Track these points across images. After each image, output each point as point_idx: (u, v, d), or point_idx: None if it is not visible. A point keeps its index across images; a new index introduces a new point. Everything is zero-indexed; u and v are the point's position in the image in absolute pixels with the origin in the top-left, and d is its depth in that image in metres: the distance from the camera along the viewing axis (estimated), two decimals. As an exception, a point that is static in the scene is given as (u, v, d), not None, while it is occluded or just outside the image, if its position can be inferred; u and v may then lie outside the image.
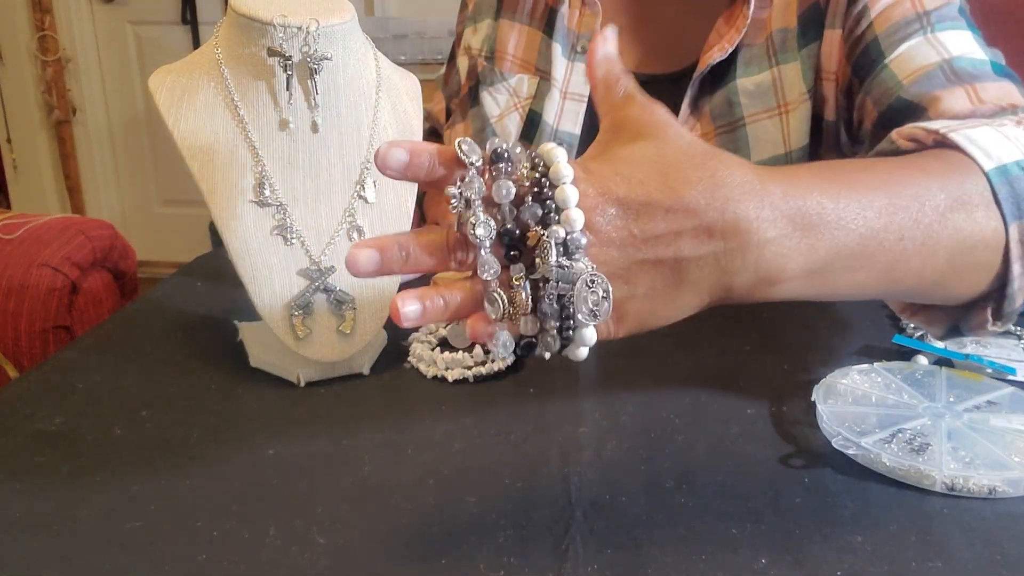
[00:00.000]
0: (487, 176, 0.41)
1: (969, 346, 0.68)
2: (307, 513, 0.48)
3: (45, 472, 0.52)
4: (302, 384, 0.63)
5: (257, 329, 0.68)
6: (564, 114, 0.89)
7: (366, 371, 0.65)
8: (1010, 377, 0.61)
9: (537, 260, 0.40)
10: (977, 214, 0.48)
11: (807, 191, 0.44)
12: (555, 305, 0.40)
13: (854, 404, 0.57)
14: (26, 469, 0.52)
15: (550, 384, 0.63)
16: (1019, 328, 0.72)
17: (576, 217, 0.40)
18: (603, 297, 0.40)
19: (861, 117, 0.76)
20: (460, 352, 0.63)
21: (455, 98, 1.02)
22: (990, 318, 0.52)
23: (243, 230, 0.61)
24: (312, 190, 0.63)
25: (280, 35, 0.59)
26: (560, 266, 0.40)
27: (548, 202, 0.40)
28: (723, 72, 0.82)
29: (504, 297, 0.40)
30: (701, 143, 0.44)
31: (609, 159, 0.43)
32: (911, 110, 0.68)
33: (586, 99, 0.89)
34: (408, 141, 0.42)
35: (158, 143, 3.22)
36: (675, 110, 0.85)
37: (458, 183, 0.40)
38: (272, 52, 0.59)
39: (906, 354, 0.66)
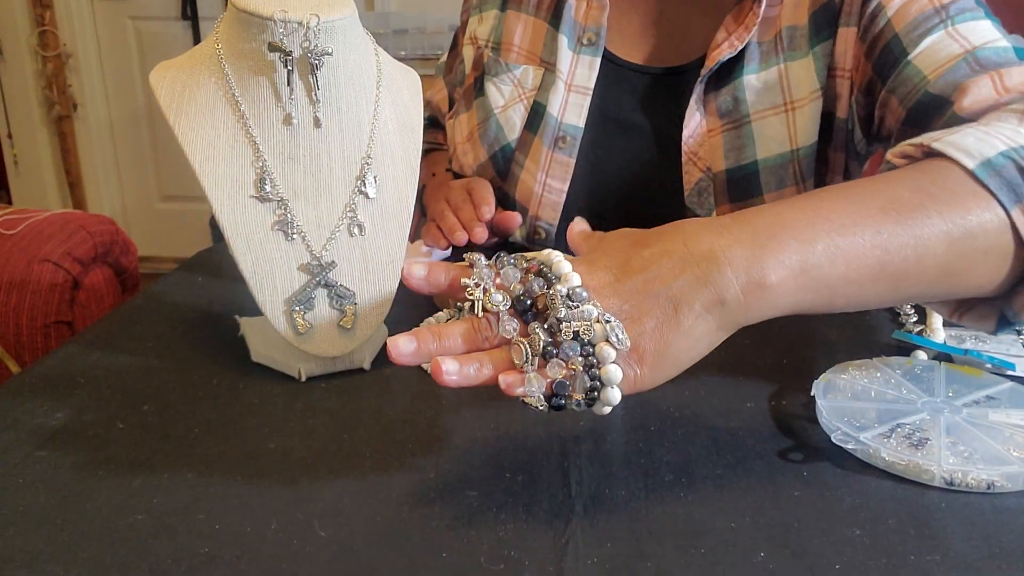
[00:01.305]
0: (494, 267, 0.49)
1: (968, 341, 0.68)
2: (308, 507, 0.48)
3: (47, 466, 0.52)
4: (303, 379, 0.63)
5: (258, 324, 0.68)
6: (568, 106, 0.89)
7: (367, 366, 0.65)
8: (1009, 372, 0.62)
9: (548, 311, 0.46)
10: (965, 205, 0.50)
11: (765, 215, 0.49)
12: (575, 344, 0.46)
13: (853, 399, 0.57)
14: (28, 463, 0.52)
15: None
16: (1018, 324, 0.72)
17: (574, 277, 0.47)
18: (618, 332, 0.46)
19: (884, 115, 0.76)
20: None
21: (459, 87, 1.01)
22: (1017, 308, 0.54)
23: (244, 225, 0.61)
24: (313, 185, 0.63)
25: (281, 30, 0.59)
26: (569, 308, 0.46)
27: (549, 275, 0.47)
28: (730, 68, 0.83)
29: (525, 343, 0.46)
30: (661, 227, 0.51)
31: (593, 248, 0.53)
32: (938, 104, 0.68)
33: (590, 92, 0.89)
34: (428, 262, 0.51)
35: (159, 138, 3.22)
36: (681, 104, 0.85)
37: (472, 276, 0.48)
38: (273, 47, 0.60)
39: (905, 349, 0.66)
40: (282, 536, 0.45)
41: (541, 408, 0.46)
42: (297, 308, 0.62)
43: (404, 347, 0.47)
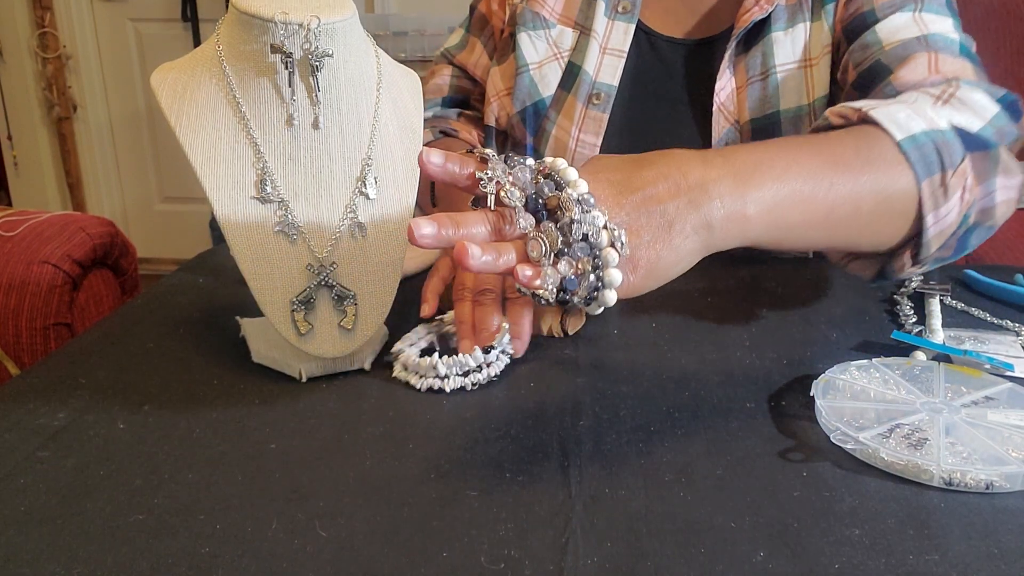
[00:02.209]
0: (507, 166, 0.52)
1: (967, 342, 0.68)
2: (309, 507, 0.48)
3: (48, 467, 0.52)
4: (304, 379, 0.63)
5: (259, 325, 0.68)
6: (603, 67, 0.92)
7: (367, 366, 0.65)
8: (1008, 373, 0.62)
9: (560, 210, 0.50)
10: (891, 171, 0.59)
11: (743, 155, 0.56)
12: (586, 246, 0.49)
13: (852, 399, 0.57)
14: (30, 464, 0.52)
15: (550, 378, 0.63)
16: (1018, 325, 0.72)
17: (582, 183, 0.51)
18: (621, 238, 0.50)
19: (844, 77, 0.82)
20: (460, 356, 0.62)
21: (492, 41, 1.02)
22: (909, 261, 0.64)
23: (245, 226, 0.61)
24: (313, 186, 0.63)
25: (281, 32, 0.59)
26: (582, 211, 0.49)
27: (558, 179, 0.51)
28: (759, 29, 0.87)
29: (543, 237, 0.49)
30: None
31: (593, 161, 0.56)
32: (883, 71, 0.75)
33: (625, 55, 0.92)
34: (439, 151, 0.52)
35: (159, 140, 3.22)
36: (711, 70, 0.89)
37: (486, 170, 0.51)
38: (274, 49, 0.60)
39: (904, 350, 0.66)
40: (283, 536, 0.45)
41: (548, 301, 0.49)
42: (298, 309, 0.62)
43: (424, 229, 0.49)
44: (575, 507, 0.48)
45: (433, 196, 0.94)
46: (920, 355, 0.64)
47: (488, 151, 0.52)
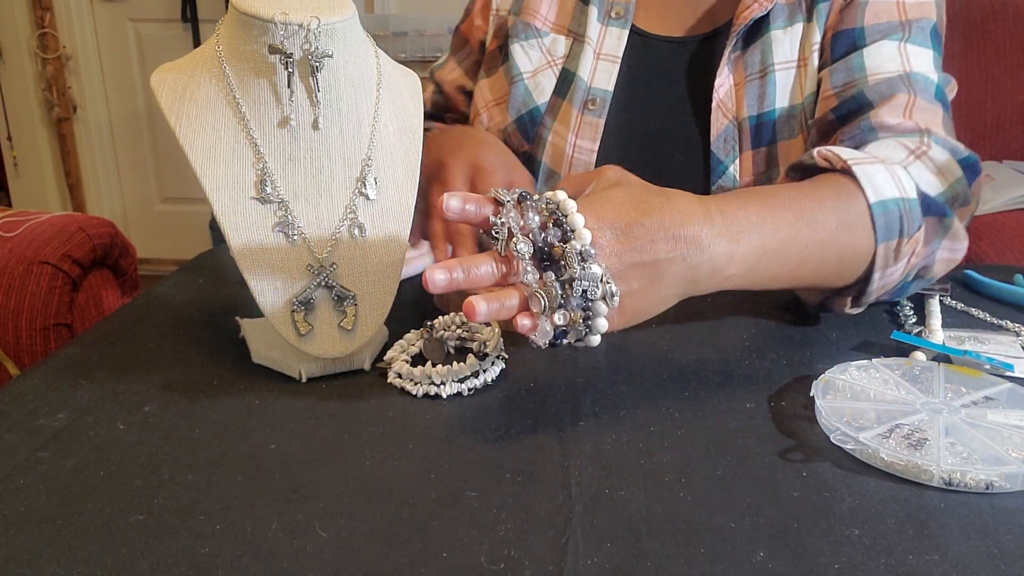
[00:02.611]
0: (519, 211, 0.55)
1: (967, 342, 0.68)
2: (309, 507, 0.48)
3: (48, 467, 0.52)
4: (304, 380, 0.63)
5: (259, 325, 0.68)
6: (598, 72, 0.92)
7: (367, 366, 0.65)
8: (1008, 373, 0.62)
9: (563, 265, 0.54)
10: (858, 234, 0.65)
11: (737, 208, 0.61)
12: (581, 300, 0.54)
13: (852, 399, 0.57)
14: (29, 465, 0.52)
15: (550, 379, 0.63)
16: (1018, 325, 0.72)
17: (586, 234, 0.54)
18: (613, 292, 0.54)
19: (823, 92, 0.83)
20: (455, 364, 0.62)
21: (470, 58, 1.03)
22: (849, 303, 0.70)
23: (245, 227, 0.61)
24: (313, 187, 0.63)
25: (281, 32, 0.60)
26: (583, 268, 0.53)
27: (564, 226, 0.54)
28: (757, 27, 0.87)
29: (543, 295, 0.53)
30: (651, 185, 0.61)
31: (598, 198, 0.58)
32: (865, 106, 0.78)
33: (619, 60, 0.92)
34: (463, 193, 0.56)
35: (159, 140, 3.23)
36: (708, 66, 0.89)
37: (499, 215, 0.54)
38: (274, 50, 0.60)
39: (904, 350, 0.66)
40: (283, 536, 0.45)
41: (541, 345, 0.54)
42: (298, 309, 0.62)
43: (438, 276, 0.53)
44: (575, 507, 0.48)
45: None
46: (920, 355, 0.64)
47: (503, 192, 0.55)
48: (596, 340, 0.55)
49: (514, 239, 0.54)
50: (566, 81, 0.93)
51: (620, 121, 0.92)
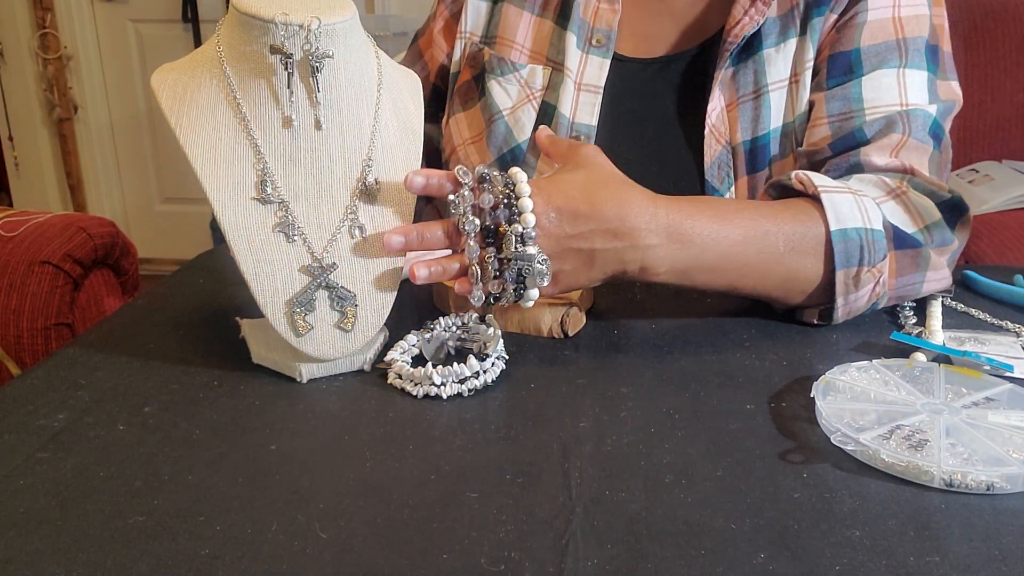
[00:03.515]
0: (476, 191, 0.62)
1: (967, 343, 0.68)
2: (309, 508, 0.48)
3: (48, 468, 0.52)
4: (304, 380, 0.63)
5: (259, 326, 0.68)
6: (580, 106, 0.89)
7: (367, 367, 0.65)
8: (1007, 374, 0.62)
9: (504, 246, 0.62)
10: (808, 259, 0.68)
11: (686, 216, 0.66)
12: (514, 275, 0.62)
13: (853, 400, 0.57)
14: (29, 465, 0.52)
15: (550, 379, 0.63)
16: (1018, 325, 0.72)
17: (529, 220, 0.62)
18: (543, 272, 0.62)
19: (809, 112, 0.82)
20: (455, 364, 0.61)
21: (421, 75, 0.99)
22: (816, 316, 0.72)
23: (245, 227, 0.61)
24: (314, 187, 0.63)
25: (282, 33, 0.59)
26: (517, 250, 0.62)
27: (513, 208, 0.62)
28: (749, 44, 0.84)
29: (479, 271, 0.62)
30: (617, 172, 0.67)
31: (556, 180, 0.65)
32: (860, 141, 0.78)
33: (601, 90, 0.89)
34: (423, 170, 0.64)
35: (159, 140, 3.22)
36: (695, 84, 0.86)
37: (456, 195, 0.62)
38: (275, 50, 0.60)
39: (904, 351, 0.66)
40: (283, 537, 0.45)
41: (474, 304, 0.63)
42: (298, 310, 0.62)
43: (395, 241, 0.63)
44: (575, 509, 0.48)
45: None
46: (920, 356, 0.64)
47: (463, 174, 0.62)
48: (529, 304, 0.64)
49: (463, 217, 0.62)
50: (547, 115, 0.90)
51: (609, 154, 0.88)
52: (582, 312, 0.73)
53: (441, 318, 0.69)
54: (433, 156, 1.01)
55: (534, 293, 0.63)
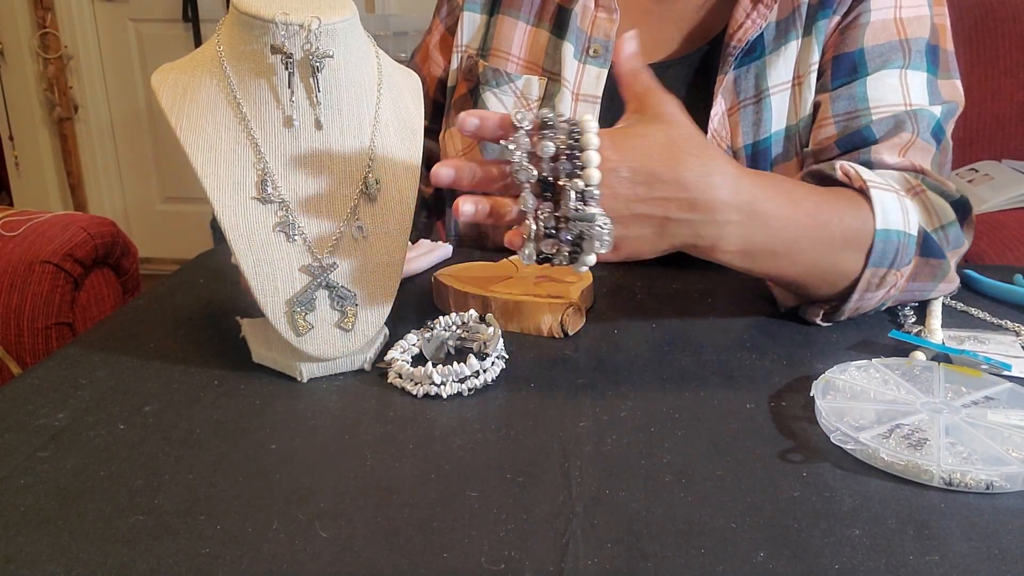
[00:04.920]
0: (535, 137, 0.55)
1: (967, 342, 0.68)
2: (310, 507, 0.48)
3: (49, 467, 0.52)
4: (304, 380, 0.63)
5: (259, 326, 0.68)
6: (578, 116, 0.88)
7: (368, 367, 0.65)
8: (1005, 373, 0.62)
9: (562, 202, 0.55)
10: (853, 255, 0.66)
11: (767, 196, 0.61)
12: (570, 236, 0.55)
13: (852, 399, 0.57)
14: (30, 464, 0.52)
15: (550, 379, 0.63)
16: (1018, 325, 0.72)
17: (593, 176, 0.54)
18: (607, 236, 0.56)
19: (821, 119, 0.81)
20: (455, 364, 0.61)
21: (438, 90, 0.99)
22: (820, 315, 0.70)
23: (245, 227, 0.61)
24: (314, 187, 0.63)
25: (282, 33, 0.60)
26: (576, 209, 0.55)
27: (576, 161, 0.55)
28: (750, 48, 0.83)
29: (533, 226, 0.56)
30: (700, 134, 0.60)
31: (632, 133, 0.58)
32: (868, 139, 0.78)
33: (599, 100, 0.87)
34: (479, 110, 0.59)
35: (160, 140, 3.23)
36: (695, 88, 0.86)
37: (510, 139, 0.55)
38: (275, 50, 0.60)
39: (904, 350, 0.66)
40: (283, 537, 0.45)
41: (524, 263, 0.57)
42: (298, 309, 0.62)
43: (443, 175, 0.57)
44: (575, 508, 0.48)
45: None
46: (920, 355, 0.64)
47: (521, 117, 0.55)
48: (585, 268, 0.58)
49: (515, 167, 0.55)
50: None
51: None
52: (582, 312, 0.73)
53: (441, 317, 0.69)
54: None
55: (591, 259, 0.57)
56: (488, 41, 0.94)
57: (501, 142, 0.55)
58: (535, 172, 0.55)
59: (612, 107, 0.88)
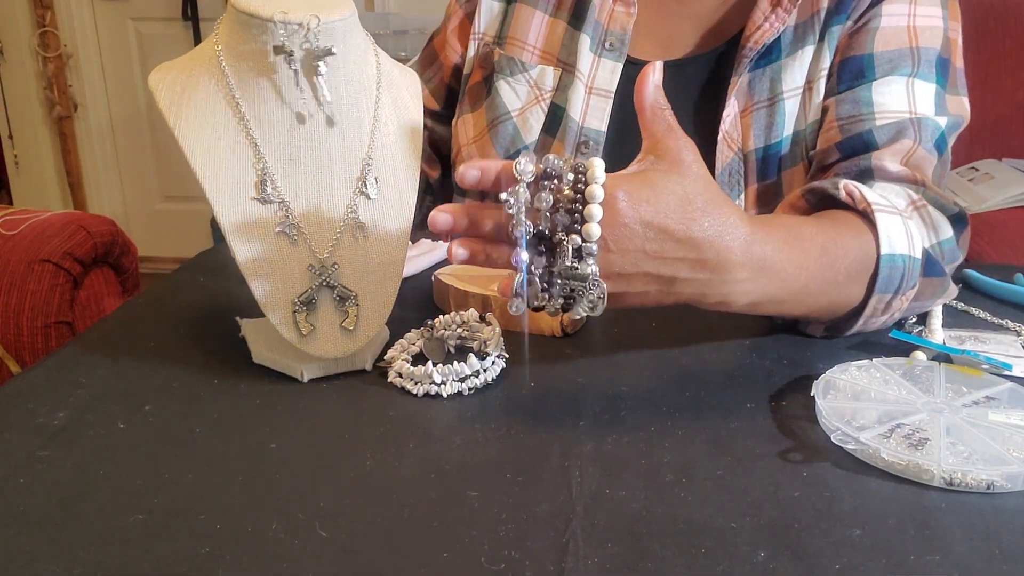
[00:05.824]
0: (535, 187, 0.53)
1: (968, 342, 0.68)
2: (310, 507, 0.48)
3: (48, 466, 0.52)
4: (305, 380, 0.63)
5: (259, 326, 0.68)
6: (590, 110, 0.88)
7: (369, 367, 0.65)
8: (1007, 373, 0.62)
9: (559, 251, 0.53)
10: (857, 286, 0.65)
11: (777, 249, 0.59)
12: (562, 293, 0.54)
13: (853, 399, 0.57)
14: (29, 464, 0.52)
15: (550, 379, 0.63)
16: (1018, 324, 0.72)
17: (593, 232, 0.52)
18: (599, 297, 0.53)
19: (828, 123, 0.80)
20: (455, 363, 0.61)
21: (437, 77, 0.99)
22: (821, 331, 0.70)
23: (245, 227, 0.61)
24: (314, 186, 0.63)
25: (281, 31, 0.59)
26: (571, 267, 0.53)
27: (576, 215, 0.52)
28: (766, 51, 0.83)
29: (522, 280, 0.53)
30: (715, 186, 0.57)
31: (647, 183, 0.54)
32: (871, 145, 0.77)
33: (612, 95, 0.87)
34: (481, 160, 0.56)
35: (159, 139, 3.22)
36: (708, 89, 0.85)
37: (510, 191, 0.52)
38: (279, 50, 0.60)
39: (904, 350, 0.66)
40: (283, 536, 0.45)
41: (512, 312, 0.54)
42: (299, 309, 0.62)
43: (440, 221, 0.55)
44: (575, 508, 0.48)
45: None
46: (920, 355, 0.64)
47: (522, 168, 0.52)
48: (576, 317, 0.56)
49: (512, 223, 0.53)
50: (556, 118, 0.88)
51: (617, 162, 0.86)
52: None
53: (441, 317, 0.69)
54: (444, 157, 1.01)
55: (580, 311, 0.55)
56: (505, 29, 0.94)
57: (501, 196, 0.53)
58: (531, 226, 0.53)
59: (625, 99, 0.87)
